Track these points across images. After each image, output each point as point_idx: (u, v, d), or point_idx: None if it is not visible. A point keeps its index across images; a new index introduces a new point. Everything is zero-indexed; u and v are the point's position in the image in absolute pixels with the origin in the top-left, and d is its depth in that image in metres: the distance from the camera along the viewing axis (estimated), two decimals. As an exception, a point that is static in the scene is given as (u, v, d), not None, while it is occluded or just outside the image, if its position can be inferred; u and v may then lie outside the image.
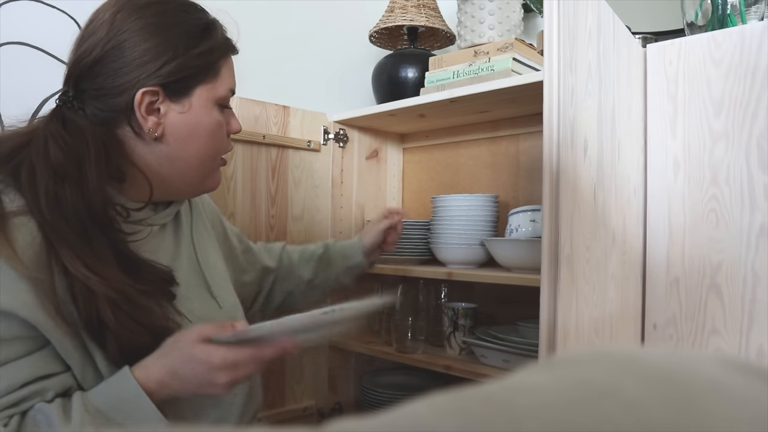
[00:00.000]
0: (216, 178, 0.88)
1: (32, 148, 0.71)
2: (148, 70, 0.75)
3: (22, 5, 1.15)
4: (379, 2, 1.67)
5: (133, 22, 0.75)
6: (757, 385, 0.21)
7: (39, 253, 0.66)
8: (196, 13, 0.82)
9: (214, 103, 0.82)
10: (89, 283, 0.66)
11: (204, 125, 0.81)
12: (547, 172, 0.75)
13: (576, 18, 0.81)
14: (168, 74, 0.76)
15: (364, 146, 1.64)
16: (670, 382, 0.20)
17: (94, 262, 0.67)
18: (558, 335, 0.73)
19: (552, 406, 0.19)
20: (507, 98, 1.26)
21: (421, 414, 0.19)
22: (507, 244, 1.21)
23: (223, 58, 0.83)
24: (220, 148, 0.86)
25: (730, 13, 1.07)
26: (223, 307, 0.89)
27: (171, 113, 0.78)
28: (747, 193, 0.96)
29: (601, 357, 0.22)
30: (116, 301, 0.68)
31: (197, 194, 0.90)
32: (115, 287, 0.68)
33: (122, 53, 0.75)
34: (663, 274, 1.04)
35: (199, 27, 0.80)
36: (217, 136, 0.83)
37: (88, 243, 0.68)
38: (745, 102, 0.96)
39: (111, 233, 0.72)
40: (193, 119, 0.80)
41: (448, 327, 1.36)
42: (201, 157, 0.83)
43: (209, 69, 0.81)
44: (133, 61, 0.75)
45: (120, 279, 0.69)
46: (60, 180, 0.69)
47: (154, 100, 0.77)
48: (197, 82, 0.80)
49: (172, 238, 0.88)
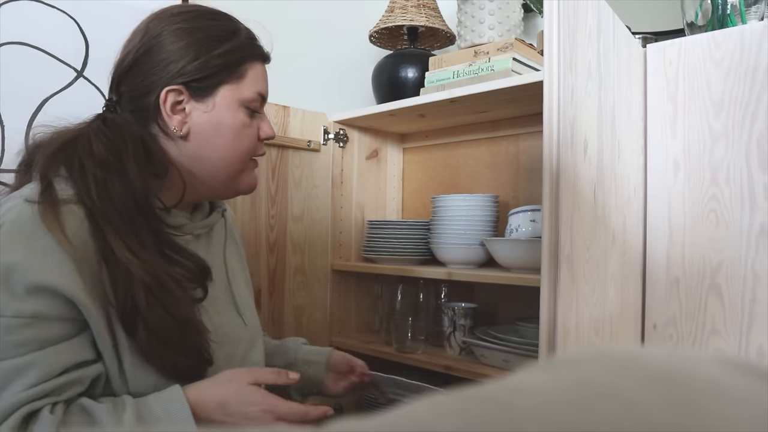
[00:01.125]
0: (249, 180, 0.89)
1: (78, 143, 0.76)
2: (172, 70, 0.80)
3: (22, 5, 1.15)
4: (379, 2, 1.67)
5: (163, 28, 0.82)
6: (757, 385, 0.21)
7: (86, 239, 0.70)
8: (223, 20, 0.85)
9: (239, 104, 0.84)
10: (130, 266, 0.70)
11: (228, 125, 0.83)
12: (547, 172, 0.75)
13: (576, 18, 0.81)
14: (190, 73, 0.80)
15: (364, 146, 1.64)
16: (670, 383, 0.20)
17: (136, 246, 0.72)
18: (558, 335, 0.73)
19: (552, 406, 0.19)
20: (507, 98, 1.26)
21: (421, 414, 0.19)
22: (507, 244, 1.21)
23: (250, 62, 0.85)
24: (247, 149, 0.86)
25: (730, 13, 1.07)
26: (248, 325, 0.92)
27: (195, 112, 0.82)
28: (747, 193, 0.96)
29: (601, 357, 0.22)
30: (150, 286, 0.71)
31: (232, 195, 0.91)
32: (152, 272, 0.72)
33: (151, 56, 0.81)
34: (663, 274, 1.04)
35: (223, 30, 0.84)
36: (242, 136, 0.85)
37: (132, 228, 0.73)
38: (745, 102, 0.96)
39: (153, 222, 0.76)
40: (216, 118, 0.83)
41: (448, 327, 1.36)
42: (226, 157, 0.84)
43: (233, 70, 0.83)
44: (159, 63, 0.80)
45: (158, 264, 0.73)
46: (106, 171, 0.74)
47: (180, 99, 0.81)
48: (220, 81, 0.82)
49: (205, 250, 0.90)
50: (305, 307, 1.49)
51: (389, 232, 1.45)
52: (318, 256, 1.51)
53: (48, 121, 0.81)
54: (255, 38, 0.88)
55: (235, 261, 0.98)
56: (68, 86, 1.20)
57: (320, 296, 1.52)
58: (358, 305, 1.60)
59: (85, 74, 1.22)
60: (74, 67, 1.21)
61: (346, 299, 1.57)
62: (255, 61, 0.86)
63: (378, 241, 1.46)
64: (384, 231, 1.45)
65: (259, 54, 0.87)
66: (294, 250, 1.46)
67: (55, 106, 1.18)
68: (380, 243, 1.45)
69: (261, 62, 0.88)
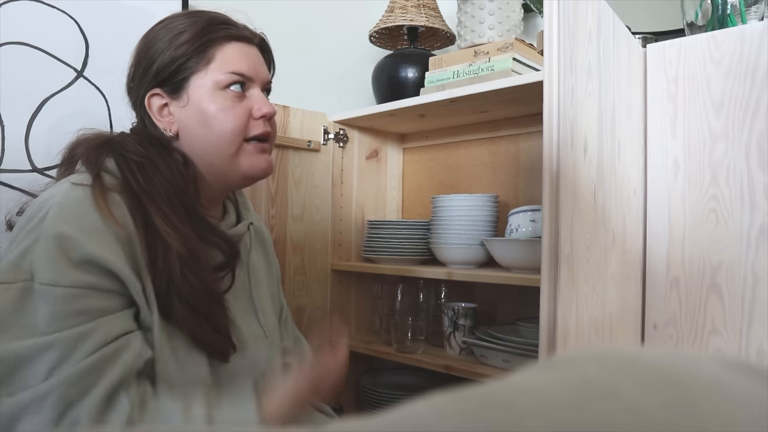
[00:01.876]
0: (252, 162, 0.87)
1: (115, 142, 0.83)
2: (148, 76, 0.84)
3: (22, 5, 1.15)
4: (379, 2, 1.67)
5: (142, 41, 0.87)
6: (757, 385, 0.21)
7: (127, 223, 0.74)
8: (188, 17, 0.86)
9: (214, 88, 0.83)
10: (168, 239, 0.75)
11: (208, 113, 0.83)
12: (547, 172, 0.75)
13: (576, 18, 0.81)
14: (160, 73, 0.84)
15: (364, 146, 1.64)
16: (669, 383, 0.20)
17: (175, 221, 0.77)
18: (558, 335, 0.73)
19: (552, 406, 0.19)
20: (507, 98, 1.26)
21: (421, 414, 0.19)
22: (507, 244, 1.21)
23: (216, 45, 0.84)
24: (233, 130, 0.84)
25: (730, 13, 1.07)
26: (269, 337, 0.93)
27: (177, 110, 0.85)
28: (747, 193, 0.96)
29: (601, 357, 0.22)
30: (185, 258, 0.75)
31: (242, 182, 0.90)
32: (187, 245, 0.76)
33: (135, 69, 0.87)
34: (663, 274, 1.04)
35: (183, 24, 0.84)
36: (225, 120, 0.84)
37: (171, 206, 0.78)
38: (745, 102, 0.96)
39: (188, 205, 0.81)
40: (195, 109, 0.84)
41: (448, 327, 1.36)
42: (213, 144, 0.84)
43: (198, 58, 0.83)
44: (137, 73, 0.86)
45: (192, 238, 0.78)
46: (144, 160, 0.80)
47: (164, 102, 0.85)
48: (189, 73, 0.83)
49: None
50: (305, 307, 1.49)
51: (389, 232, 1.45)
52: (318, 256, 1.51)
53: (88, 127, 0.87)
54: (223, 22, 0.86)
55: (262, 274, 0.99)
56: (68, 86, 1.20)
57: (320, 296, 1.52)
58: (358, 305, 1.60)
59: (85, 74, 1.22)
60: (74, 67, 1.21)
61: (346, 299, 1.57)
62: (223, 43, 0.85)
63: (378, 241, 1.46)
64: (384, 231, 1.45)
65: (227, 35, 0.86)
66: (294, 250, 1.46)
67: (55, 106, 1.18)
68: (380, 243, 1.45)
69: (235, 42, 0.86)
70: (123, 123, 1.22)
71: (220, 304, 0.80)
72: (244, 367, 0.84)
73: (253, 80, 0.87)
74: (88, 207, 0.72)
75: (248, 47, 0.88)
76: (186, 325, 0.76)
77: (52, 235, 0.68)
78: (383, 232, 1.45)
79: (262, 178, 0.91)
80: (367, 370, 1.60)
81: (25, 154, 1.14)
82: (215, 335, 0.79)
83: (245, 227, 0.94)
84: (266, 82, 0.91)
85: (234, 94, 0.84)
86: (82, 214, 0.71)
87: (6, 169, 1.12)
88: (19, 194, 1.11)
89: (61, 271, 0.67)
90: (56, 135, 1.17)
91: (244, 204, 1.00)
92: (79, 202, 0.72)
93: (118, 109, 1.25)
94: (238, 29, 0.87)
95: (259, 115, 0.87)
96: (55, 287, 0.67)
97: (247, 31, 0.89)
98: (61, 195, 0.72)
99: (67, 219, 0.70)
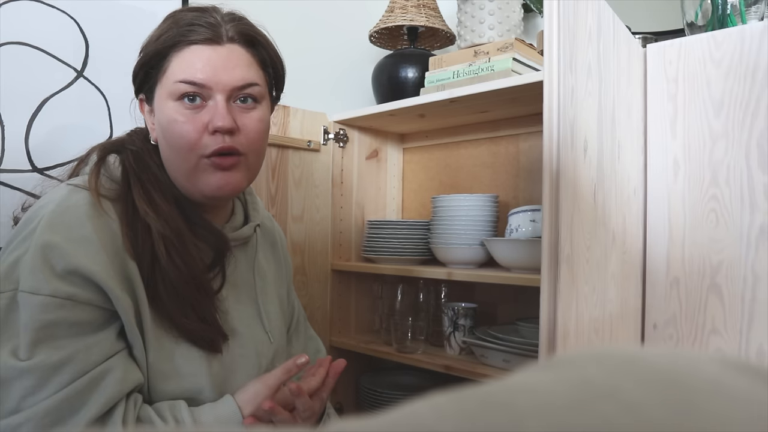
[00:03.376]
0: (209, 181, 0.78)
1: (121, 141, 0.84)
2: (136, 80, 0.84)
3: (22, 5, 1.15)
4: (379, 2, 1.67)
5: None
6: (757, 385, 0.21)
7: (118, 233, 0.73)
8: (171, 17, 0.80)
9: (168, 98, 0.77)
10: (147, 218, 0.74)
11: (162, 124, 0.79)
12: (547, 172, 0.75)
13: (576, 18, 0.81)
14: (135, 80, 0.83)
15: (364, 146, 1.64)
16: (669, 383, 0.20)
17: (158, 201, 0.76)
18: (558, 335, 0.73)
19: (552, 406, 0.19)
20: (507, 98, 1.26)
21: (421, 414, 0.19)
22: (507, 244, 1.21)
23: (175, 51, 0.77)
24: (184, 146, 0.76)
25: (730, 13, 1.07)
26: (273, 343, 0.91)
27: (153, 118, 0.83)
28: (747, 193, 0.96)
29: (601, 357, 0.22)
30: (169, 238, 0.75)
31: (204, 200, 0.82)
32: (170, 225, 0.76)
33: None
34: (663, 274, 1.04)
35: (164, 26, 0.80)
36: (175, 132, 0.76)
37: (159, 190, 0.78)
38: (745, 102, 0.96)
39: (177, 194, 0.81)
40: (157, 122, 0.81)
41: (448, 327, 1.36)
42: (171, 159, 0.79)
43: (159, 65, 0.78)
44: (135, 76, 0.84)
45: (177, 220, 0.77)
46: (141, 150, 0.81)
47: (148, 108, 0.84)
48: (152, 82, 0.80)
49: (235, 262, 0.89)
50: (305, 307, 1.48)
51: (389, 232, 1.45)
52: (318, 256, 1.51)
53: None
54: (189, 23, 0.77)
55: (270, 276, 0.97)
56: (68, 86, 1.20)
57: (320, 296, 1.52)
58: (358, 305, 1.60)
59: (85, 74, 1.22)
60: (74, 67, 1.21)
61: (346, 299, 1.57)
62: (181, 49, 0.76)
63: (378, 241, 1.46)
64: (384, 231, 1.45)
65: (187, 40, 0.76)
66: (294, 250, 1.46)
67: (55, 106, 1.18)
68: (380, 243, 1.45)
69: (195, 45, 0.76)
70: (123, 123, 1.22)
71: (207, 293, 0.79)
72: (245, 374, 0.84)
73: (211, 88, 0.76)
74: (81, 216, 0.71)
75: (212, 49, 0.76)
76: (172, 315, 0.74)
77: (40, 244, 0.68)
78: (383, 232, 1.45)
79: (223, 197, 0.82)
80: (367, 370, 1.60)
81: (25, 154, 1.14)
82: (201, 325, 0.77)
83: (251, 230, 0.92)
84: (237, 88, 0.78)
85: (188, 105, 0.76)
86: (74, 223, 0.70)
87: (6, 169, 1.12)
88: (19, 194, 1.11)
89: (43, 279, 0.66)
90: (56, 135, 1.17)
91: (253, 205, 0.96)
92: (72, 210, 0.71)
93: (118, 109, 1.25)
94: (203, 30, 0.77)
95: (213, 129, 0.76)
96: (35, 295, 0.66)
97: (218, 31, 0.77)
98: (55, 202, 0.72)
99: (58, 228, 0.69)
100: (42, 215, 0.70)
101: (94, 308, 0.70)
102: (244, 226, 0.91)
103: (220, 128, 0.76)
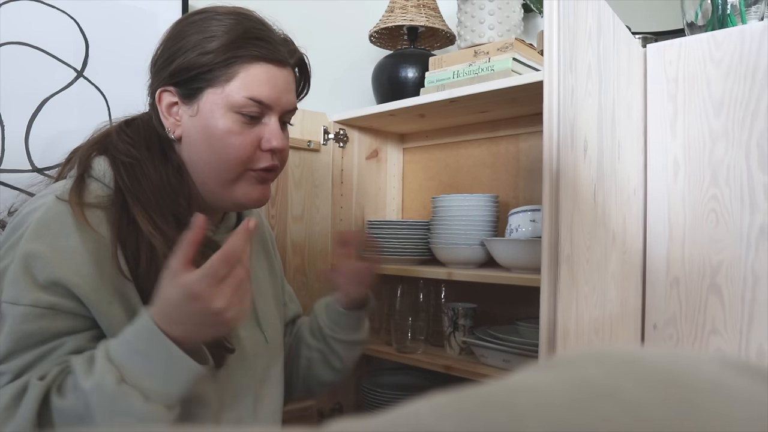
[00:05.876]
0: (247, 192, 0.81)
1: (106, 141, 0.81)
2: (167, 71, 0.80)
3: (22, 5, 1.15)
4: (379, 2, 1.67)
5: (173, 30, 0.82)
6: (757, 385, 0.21)
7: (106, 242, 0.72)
8: (226, 19, 0.79)
9: (227, 109, 0.78)
10: (152, 239, 0.72)
11: (212, 131, 0.78)
12: (547, 172, 0.75)
13: (576, 18, 0.81)
14: (175, 73, 0.79)
15: (364, 146, 1.64)
16: (669, 383, 0.20)
17: (160, 223, 0.74)
18: (558, 335, 0.73)
19: (552, 406, 0.19)
20: (507, 98, 1.26)
21: (421, 414, 0.19)
22: (507, 244, 1.21)
23: (243, 63, 0.78)
24: (236, 158, 0.79)
25: (730, 13, 1.07)
26: (270, 343, 0.90)
27: (185, 116, 0.80)
28: (747, 193, 0.96)
29: (601, 357, 0.22)
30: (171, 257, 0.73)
31: (233, 207, 0.85)
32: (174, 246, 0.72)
33: (159, 58, 0.82)
34: (663, 274, 1.04)
35: (217, 30, 0.78)
36: (229, 144, 0.78)
37: (158, 209, 0.76)
38: (745, 102, 0.96)
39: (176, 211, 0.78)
40: (201, 124, 0.79)
41: (448, 327, 1.36)
42: (213, 165, 0.79)
43: (220, 72, 0.77)
44: (158, 64, 0.82)
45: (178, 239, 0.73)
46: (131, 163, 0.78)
47: (174, 101, 0.80)
48: (206, 85, 0.78)
49: None
50: (305, 308, 1.48)
51: (389, 232, 1.44)
52: (318, 256, 1.51)
53: None
54: (258, 38, 0.79)
55: (264, 277, 0.96)
56: (68, 86, 1.20)
57: (320, 296, 1.51)
58: (358, 305, 1.60)
59: (85, 74, 1.22)
60: (74, 67, 1.21)
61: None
62: (251, 62, 0.78)
63: (378, 241, 1.46)
64: (384, 231, 1.45)
65: (258, 55, 0.78)
66: (294, 251, 1.46)
67: (55, 106, 1.18)
68: (380, 243, 1.45)
69: (264, 63, 0.79)
70: (123, 123, 1.22)
71: None
72: (240, 375, 0.83)
73: (271, 108, 0.80)
74: (69, 225, 0.70)
75: (278, 70, 0.80)
76: None
77: (23, 254, 0.67)
78: (383, 232, 1.45)
79: (255, 207, 0.86)
80: (367, 370, 1.60)
81: (25, 154, 1.14)
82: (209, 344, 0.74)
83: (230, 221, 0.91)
84: (287, 111, 0.84)
85: (245, 119, 0.79)
86: (60, 233, 0.69)
87: (6, 169, 1.12)
88: (20, 195, 1.11)
89: (24, 289, 0.66)
90: (56, 135, 1.17)
91: None
92: (59, 220, 0.70)
93: (118, 109, 1.25)
94: (271, 48, 0.80)
95: (267, 148, 0.80)
96: (16, 306, 0.66)
97: (282, 52, 0.81)
98: (42, 210, 0.71)
99: (43, 237, 0.68)
100: (29, 222, 0.70)
101: (76, 316, 0.69)
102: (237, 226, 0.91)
103: (275, 148, 0.81)
